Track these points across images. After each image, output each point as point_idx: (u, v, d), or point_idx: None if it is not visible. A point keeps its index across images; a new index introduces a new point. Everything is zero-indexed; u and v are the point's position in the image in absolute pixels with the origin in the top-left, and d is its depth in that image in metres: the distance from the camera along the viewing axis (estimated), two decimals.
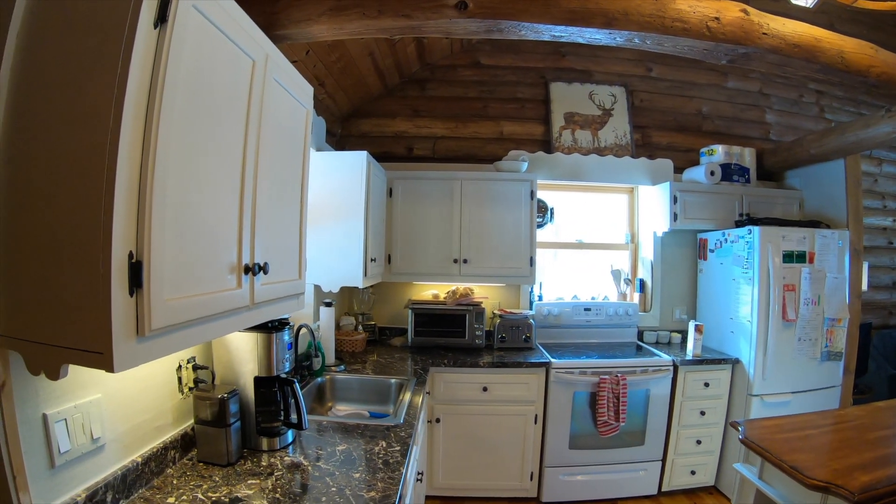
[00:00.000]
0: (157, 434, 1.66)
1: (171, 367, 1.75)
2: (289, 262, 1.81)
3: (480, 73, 4.16)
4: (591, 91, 4.14)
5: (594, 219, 4.37)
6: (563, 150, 4.05)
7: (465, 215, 3.70)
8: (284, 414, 1.95)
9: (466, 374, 3.35)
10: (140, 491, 1.50)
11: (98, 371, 1.36)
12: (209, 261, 1.27)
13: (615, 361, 3.37)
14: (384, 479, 1.63)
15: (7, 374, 1.15)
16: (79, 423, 1.33)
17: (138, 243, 1.03)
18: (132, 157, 1.01)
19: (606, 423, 3.23)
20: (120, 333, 1.00)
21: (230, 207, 1.37)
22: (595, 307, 3.96)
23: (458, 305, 3.72)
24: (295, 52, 2.83)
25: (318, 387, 2.89)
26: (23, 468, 1.17)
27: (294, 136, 1.82)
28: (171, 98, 1.07)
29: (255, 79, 1.44)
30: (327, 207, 3.14)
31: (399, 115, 4.18)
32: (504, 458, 3.37)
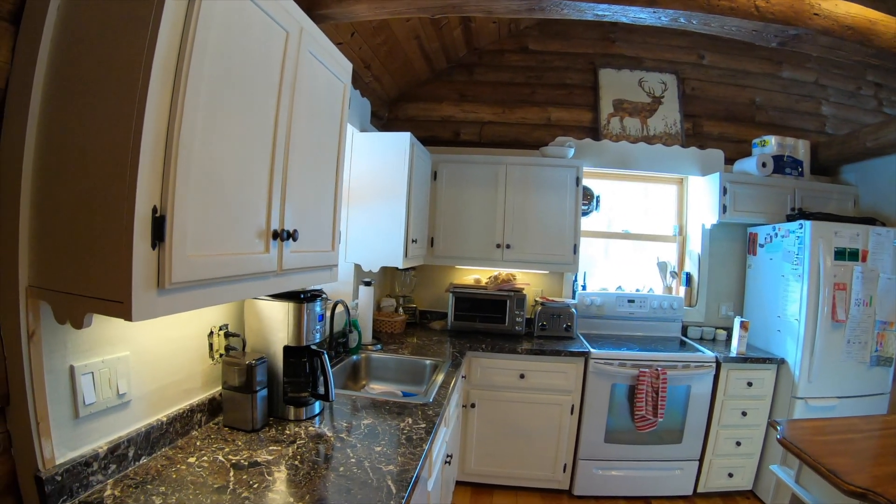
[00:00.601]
0: (185, 396, 1.67)
1: (202, 332, 1.76)
2: (321, 232, 1.79)
3: (528, 58, 4.06)
4: (640, 78, 3.97)
5: (642, 209, 4.21)
6: (611, 138, 3.91)
7: (509, 200, 3.64)
8: (312, 385, 1.94)
9: (504, 360, 3.29)
10: (163, 449, 1.52)
11: (127, 329, 1.41)
12: (235, 222, 1.26)
13: (656, 355, 3.24)
14: (405, 455, 1.60)
15: (37, 324, 1.17)
16: (105, 378, 1.34)
17: (162, 199, 1.03)
18: (159, 117, 1.01)
19: (644, 418, 3.09)
20: (140, 284, 1.00)
21: (260, 173, 1.36)
22: (639, 299, 3.82)
23: (498, 291, 3.66)
24: (340, 33, 2.81)
25: (352, 364, 2.89)
26: (46, 415, 1.19)
27: (330, 109, 1.80)
28: (199, 63, 1.07)
29: (288, 50, 1.43)
30: (369, 187, 3.14)
31: (446, 100, 4.13)
32: (538, 447, 3.29)
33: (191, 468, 1.42)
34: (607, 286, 4.09)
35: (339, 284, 3.27)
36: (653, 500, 3.29)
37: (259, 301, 1.89)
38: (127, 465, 1.38)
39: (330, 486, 1.36)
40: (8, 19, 1.13)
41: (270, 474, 1.40)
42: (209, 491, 1.30)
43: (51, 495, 1.16)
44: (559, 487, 3.34)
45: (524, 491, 3.37)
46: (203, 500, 1.25)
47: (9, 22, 1.13)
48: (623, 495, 3.30)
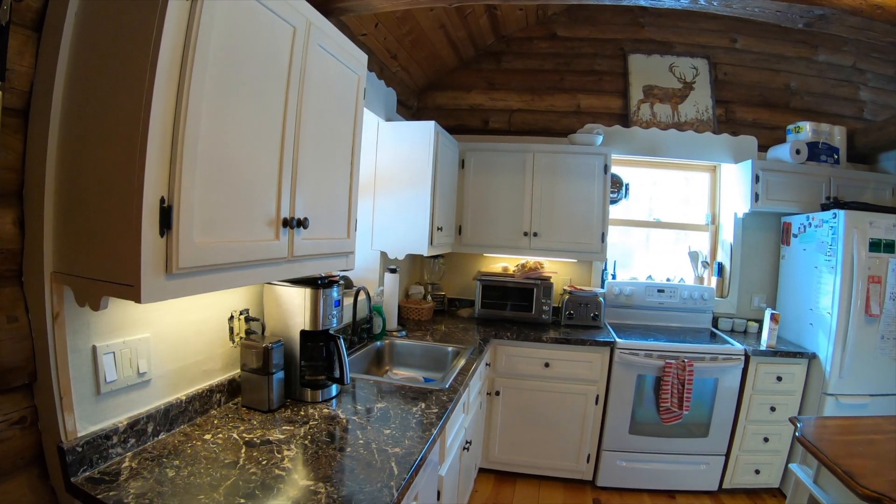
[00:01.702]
0: (205, 377, 1.76)
1: (222, 316, 1.85)
2: (336, 220, 1.85)
3: (557, 45, 4.01)
4: (671, 63, 3.87)
5: (673, 197, 4.13)
6: (641, 125, 3.83)
7: (537, 188, 3.63)
8: (328, 369, 2.01)
9: (528, 349, 3.31)
10: (182, 426, 1.61)
11: (148, 312, 1.49)
12: (244, 211, 1.33)
13: (683, 346, 3.19)
14: (412, 438, 1.64)
15: (61, 307, 1.26)
16: (126, 358, 1.43)
17: (170, 189, 1.10)
18: (165, 113, 1.08)
19: (669, 411, 3.06)
20: (148, 269, 1.07)
21: (269, 164, 1.42)
22: (669, 289, 3.76)
23: (525, 279, 3.66)
24: (363, 24, 2.85)
25: (376, 349, 2.96)
26: (69, 391, 1.28)
27: (344, 100, 1.85)
28: (202, 61, 1.13)
29: (295, 44, 1.48)
30: (395, 176, 3.20)
31: (474, 88, 4.13)
32: (561, 437, 3.30)
33: (206, 444, 1.50)
34: (637, 275, 4.04)
35: (366, 272, 3.35)
36: (677, 493, 3.26)
37: (277, 287, 1.96)
38: (146, 439, 1.47)
39: (335, 465, 1.42)
40: (31, 27, 1.21)
41: (280, 452, 1.47)
42: (220, 466, 1.37)
43: (72, 464, 1.26)
44: (582, 478, 3.35)
45: (547, 480, 3.39)
46: (213, 473, 1.33)
47: (32, 30, 1.21)
48: (647, 488, 3.28)
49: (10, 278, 1.24)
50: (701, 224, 4.06)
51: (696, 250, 3.93)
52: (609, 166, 3.53)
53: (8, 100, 1.18)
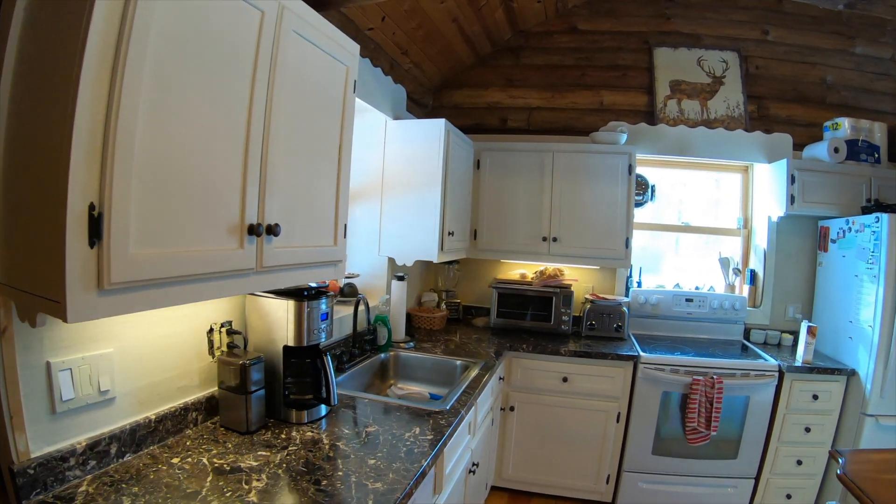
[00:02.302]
0: (179, 394, 1.68)
1: (199, 329, 1.77)
2: (318, 226, 1.74)
3: (578, 39, 3.85)
4: (699, 57, 3.66)
5: (703, 199, 3.92)
6: (668, 122, 3.64)
7: (557, 190, 3.49)
8: (316, 387, 1.91)
9: (546, 362, 3.17)
10: (151, 447, 1.53)
11: (112, 326, 1.42)
12: (197, 218, 1.22)
13: (711, 361, 2.99)
14: (398, 471, 1.50)
15: (9, 320, 1.19)
16: (86, 375, 1.36)
17: (101, 195, 1.00)
18: (94, 113, 0.97)
19: (695, 431, 2.87)
20: (75, 284, 0.97)
21: (231, 165, 1.31)
22: (698, 298, 3.55)
23: (544, 287, 3.53)
24: (369, 18, 2.76)
25: (380, 362, 2.87)
26: (20, 410, 1.21)
27: (328, 93, 1.73)
28: (139, 52, 1.03)
29: (264, 30, 1.36)
30: (403, 178, 3.10)
31: (492, 86, 4.02)
32: (580, 456, 3.15)
33: (171, 469, 1.41)
34: (664, 283, 3.84)
35: (373, 279, 3.26)
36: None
37: (260, 298, 1.87)
38: (109, 461, 1.40)
39: (304, 500, 1.31)
40: None
41: (248, 483, 1.37)
42: (180, 495, 1.28)
43: (23, 487, 1.19)
44: (601, 500, 3.18)
45: (563, 501, 3.23)
46: None
47: None
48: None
49: None
50: (732, 228, 3.84)
51: (728, 256, 3.71)
52: (634, 166, 3.36)
53: None
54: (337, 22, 2.54)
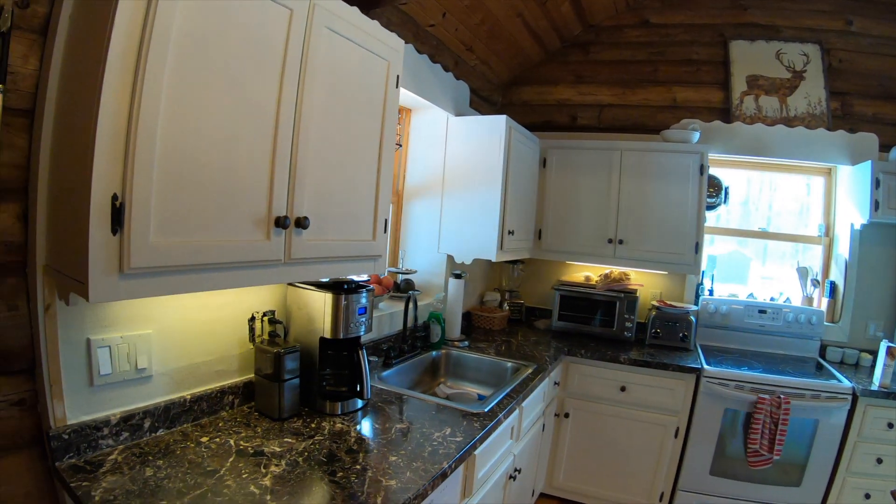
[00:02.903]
0: (217, 378, 1.77)
1: (241, 317, 1.85)
2: (354, 220, 1.76)
3: (649, 33, 3.69)
4: (778, 50, 3.38)
5: (782, 204, 3.65)
6: (745, 120, 3.40)
7: (624, 190, 3.37)
8: (352, 380, 1.94)
9: (604, 369, 3.08)
10: (183, 425, 1.62)
11: (153, 309, 1.51)
12: (219, 210, 1.28)
13: (779, 379, 2.76)
14: (416, 471, 1.49)
15: (53, 299, 1.31)
16: (124, 353, 1.46)
17: (124, 186, 1.08)
18: (117, 110, 1.05)
19: (757, 454, 2.66)
20: (98, 268, 1.06)
21: (258, 161, 1.36)
22: (772, 310, 3.31)
23: (608, 290, 3.41)
24: (429, 14, 2.78)
25: (431, 360, 2.88)
26: (59, 380, 1.33)
27: (366, 88, 1.75)
28: (160, 53, 1.09)
29: (292, 27, 1.41)
30: (463, 175, 3.11)
31: (561, 82, 3.94)
32: (633, 469, 3.02)
33: (198, 447, 1.50)
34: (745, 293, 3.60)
35: (432, 276, 3.28)
36: None
37: (301, 289, 1.93)
38: (141, 434, 1.50)
39: (315, 491, 1.34)
40: (38, 31, 1.27)
41: (266, 467, 1.42)
42: (200, 472, 1.35)
43: (57, 450, 1.31)
44: None
45: None
46: (189, 480, 1.31)
47: (38, 34, 1.27)
48: None
49: (14, 269, 1.30)
50: (813, 236, 3.54)
51: (806, 266, 3.42)
52: (706, 166, 3.17)
53: (12, 100, 1.25)
54: (395, 19, 2.58)
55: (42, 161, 1.26)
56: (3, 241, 1.27)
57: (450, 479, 1.61)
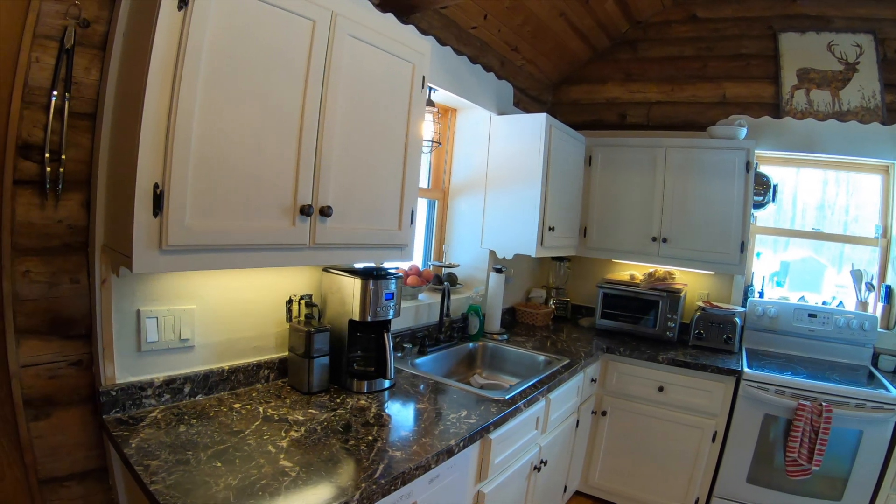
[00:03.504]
0: (255, 353, 1.96)
1: (280, 299, 2.03)
2: (378, 211, 1.91)
3: (697, 27, 3.64)
4: (829, 41, 3.24)
5: (836, 203, 3.51)
6: (795, 115, 3.29)
7: (669, 188, 3.36)
8: (379, 361, 2.08)
9: (642, 368, 3.09)
10: (220, 393, 1.82)
11: (197, 287, 1.73)
12: (247, 198, 1.46)
13: (822, 385, 2.66)
14: (423, 445, 1.60)
15: (108, 274, 1.54)
16: (169, 324, 1.67)
17: (164, 177, 1.28)
18: (158, 112, 1.26)
19: (795, 463, 2.57)
20: (141, 244, 1.27)
21: (284, 155, 1.54)
22: (822, 314, 3.18)
23: (651, 289, 3.40)
24: (471, 17, 2.89)
25: (468, 351, 2.99)
26: (111, 344, 1.55)
27: (391, 89, 1.89)
28: (194, 63, 1.29)
29: (315, 37, 1.57)
30: (505, 172, 3.22)
31: (610, 80, 3.95)
32: (669, 472, 3.01)
33: (230, 412, 1.68)
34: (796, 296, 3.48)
35: (475, 270, 3.40)
36: None
37: (335, 274, 2.09)
38: (182, 398, 1.71)
39: (325, 454, 1.46)
40: (98, 47, 1.50)
41: (287, 432, 1.58)
42: (227, 432, 1.53)
43: (105, 405, 1.53)
44: None
45: None
46: (216, 437, 1.49)
47: (98, 49, 1.50)
48: None
49: (78, 248, 1.52)
50: (869, 237, 3.38)
51: (861, 269, 3.26)
52: (752, 163, 3.10)
53: (76, 106, 1.48)
54: (437, 22, 2.70)
55: (101, 157, 1.48)
56: (69, 224, 1.50)
57: (458, 457, 1.71)
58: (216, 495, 1.19)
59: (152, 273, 1.41)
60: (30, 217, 1.42)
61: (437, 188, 3.40)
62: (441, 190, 3.40)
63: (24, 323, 1.43)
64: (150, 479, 1.23)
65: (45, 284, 1.47)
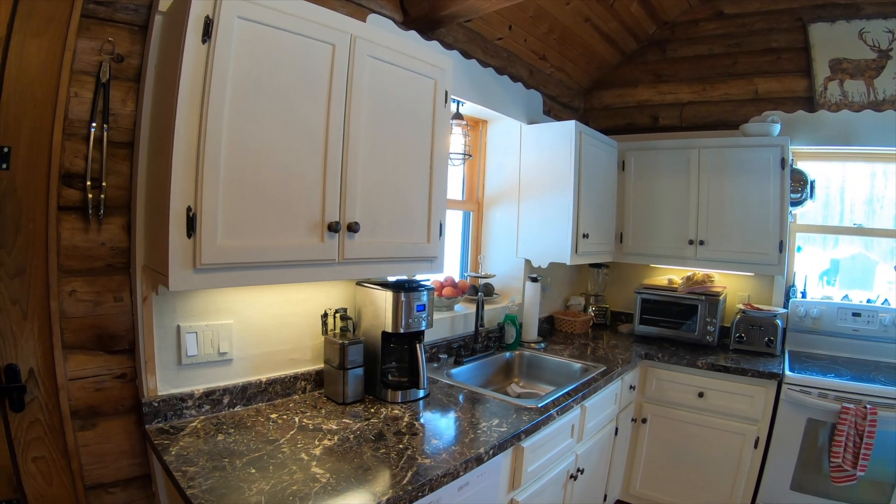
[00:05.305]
0: (291, 365, 2.04)
1: (316, 312, 2.11)
2: (406, 225, 1.96)
3: (725, 24, 3.59)
4: (861, 29, 3.13)
5: (883, 196, 3.36)
6: (829, 108, 3.20)
7: (703, 189, 3.33)
8: (412, 371, 2.12)
9: (681, 374, 3.05)
10: (258, 404, 1.90)
11: (234, 303, 1.82)
12: (276, 217, 1.54)
13: (866, 387, 2.57)
14: (452, 453, 1.62)
15: (149, 292, 1.64)
16: (208, 338, 1.77)
17: (196, 200, 1.36)
18: (188, 139, 1.35)
19: (840, 468, 2.48)
20: (177, 263, 1.36)
21: (310, 174, 1.61)
22: (867, 312, 3.07)
23: (689, 293, 3.34)
24: (495, 29, 2.94)
25: (505, 360, 3.01)
26: (153, 357, 1.66)
27: (413, 105, 1.94)
28: (219, 91, 1.37)
29: (337, 59, 1.64)
30: (537, 180, 3.25)
31: (641, 83, 3.93)
32: (711, 480, 2.95)
33: (267, 421, 1.76)
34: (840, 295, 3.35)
35: (511, 279, 3.42)
36: None
37: (368, 288, 2.14)
38: (221, 408, 1.80)
39: (355, 461, 1.51)
40: (133, 79, 1.61)
41: (320, 440, 1.64)
42: (262, 440, 1.60)
43: (147, 415, 1.63)
44: None
45: None
46: (251, 445, 1.57)
47: (133, 81, 1.62)
48: None
49: (121, 269, 1.63)
50: None
51: None
52: (787, 160, 3.04)
53: (115, 136, 1.59)
54: (462, 36, 2.75)
55: (140, 183, 1.59)
56: (112, 246, 1.60)
57: (488, 465, 1.72)
58: (249, 499, 1.26)
59: (189, 290, 1.49)
60: (74, 241, 1.53)
61: (471, 200, 3.44)
62: (475, 201, 3.44)
63: (71, 339, 1.54)
64: (188, 483, 1.31)
65: (90, 303, 1.57)
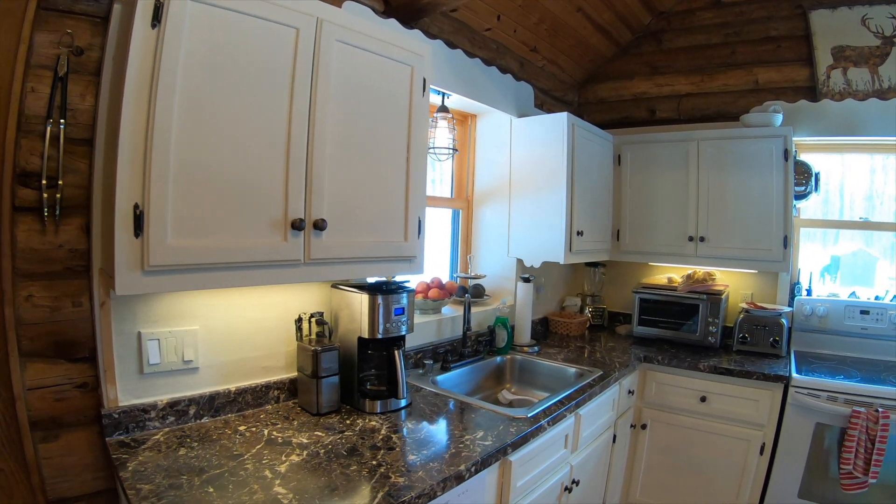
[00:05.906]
0: (264, 373, 1.95)
1: (290, 317, 2.01)
2: (381, 223, 1.86)
3: (723, 13, 3.49)
4: (863, 15, 3.02)
5: (883, 191, 3.27)
6: (833, 97, 3.10)
7: (703, 184, 3.23)
8: (391, 379, 2.02)
9: (682, 377, 2.95)
10: (227, 415, 1.81)
11: (199, 307, 1.73)
12: (234, 214, 1.44)
13: (878, 389, 2.47)
14: (430, 471, 1.52)
15: (107, 296, 1.55)
16: (171, 345, 1.69)
17: (143, 197, 1.28)
18: (135, 133, 1.26)
19: (850, 475, 2.37)
20: (123, 265, 1.27)
21: (270, 169, 1.51)
22: (875, 310, 2.96)
23: (689, 292, 3.24)
24: (483, 19, 2.85)
25: (495, 365, 2.92)
26: (113, 366, 1.57)
27: (388, 94, 1.84)
28: (169, 79, 1.28)
29: (300, 44, 1.55)
30: (528, 177, 3.15)
31: (637, 75, 3.85)
32: (715, 488, 2.85)
33: (234, 434, 1.67)
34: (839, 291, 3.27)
35: (503, 280, 3.32)
36: None
37: (343, 291, 2.05)
38: (187, 420, 1.71)
39: (323, 480, 1.41)
40: (93, 73, 1.53)
41: (288, 455, 1.54)
42: (226, 455, 1.52)
43: (108, 427, 1.55)
44: None
45: None
46: (214, 460, 1.48)
47: (93, 75, 1.53)
48: None
49: (80, 272, 1.55)
50: None
51: None
52: (790, 151, 2.94)
53: (72, 132, 1.50)
54: (447, 27, 2.67)
55: (96, 181, 1.52)
56: (71, 248, 1.52)
57: (470, 482, 1.62)
58: None
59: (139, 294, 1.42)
60: (31, 243, 1.45)
61: (460, 197, 3.35)
62: (465, 199, 3.35)
63: (29, 346, 1.46)
64: (140, 503, 1.21)
65: (47, 308, 1.49)
